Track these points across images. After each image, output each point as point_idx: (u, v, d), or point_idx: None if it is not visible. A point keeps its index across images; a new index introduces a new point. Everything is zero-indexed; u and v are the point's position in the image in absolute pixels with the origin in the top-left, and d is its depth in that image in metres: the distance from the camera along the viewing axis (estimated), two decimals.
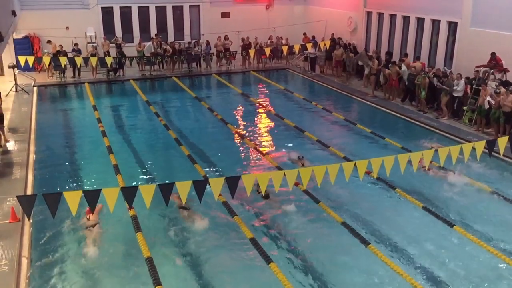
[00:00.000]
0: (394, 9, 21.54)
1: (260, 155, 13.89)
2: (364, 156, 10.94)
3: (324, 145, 14.52)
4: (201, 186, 8.28)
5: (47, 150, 14.40)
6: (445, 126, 16.15)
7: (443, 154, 9.63)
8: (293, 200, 11.21)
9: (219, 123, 16.84)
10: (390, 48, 21.94)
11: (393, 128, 16.47)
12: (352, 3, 24.24)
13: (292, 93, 20.81)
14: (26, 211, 7.69)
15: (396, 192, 11.42)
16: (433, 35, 19.62)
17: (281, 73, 25.25)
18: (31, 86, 21.11)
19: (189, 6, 26.77)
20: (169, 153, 14.24)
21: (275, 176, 8.68)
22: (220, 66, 25.16)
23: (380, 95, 19.74)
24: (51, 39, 22.86)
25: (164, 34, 26.07)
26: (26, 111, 17.73)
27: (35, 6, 23.20)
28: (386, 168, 9.18)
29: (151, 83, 23.12)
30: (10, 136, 15.02)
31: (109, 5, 25.24)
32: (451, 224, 9.93)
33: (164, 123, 16.34)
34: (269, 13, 28.16)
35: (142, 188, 7.94)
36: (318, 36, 25.48)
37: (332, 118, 17.58)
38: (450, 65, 18.37)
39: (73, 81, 22.38)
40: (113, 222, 10.19)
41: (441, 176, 12.39)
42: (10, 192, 11.13)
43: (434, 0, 19.07)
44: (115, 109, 19.43)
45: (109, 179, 12.14)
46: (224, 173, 12.65)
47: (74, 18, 24.30)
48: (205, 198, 8.37)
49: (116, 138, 15.45)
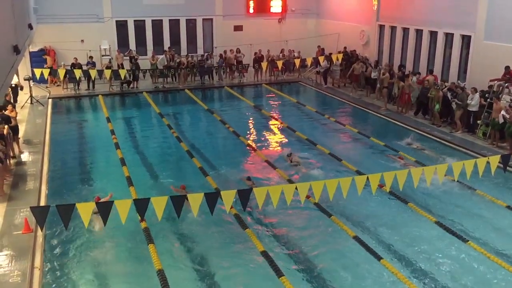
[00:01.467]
0: (407, 23, 21.53)
1: (272, 168, 13.86)
2: (376, 170, 10.87)
3: (336, 158, 14.46)
4: (213, 198, 8.28)
5: (61, 162, 14.53)
6: (459, 140, 16.01)
7: (457, 168, 9.53)
8: (305, 213, 11.16)
9: (231, 135, 16.87)
10: (403, 61, 21.89)
11: (406, 142, 16.33)
12: (365, 17, 24.28)
13: (304, 106, 20.81)
14: (39, 222, 7.73)
15: (409, 206, 11.30)
16: (447, 49, 19.55)
17: (293, 86, 25.29)
18: (46, 98, 21.37)
19: (202, 20, 27.01)
20: (181, 165, 14.28)
21: (287, 189, 8.65)
22: (233, 79, 25.28)
23: (393, 108, 19.66)
24: (55, 51, 23.15)
25: (177, 47, 26.31)
26: (40, 122, 17.94)
27: (51, 20, 23.56)
28: (399, 182, 9.10)
29: (164, 95, 23.29)
30: (25, 147, 15.19)
31: (123, 19, 25.56)
32: (464, 240, 9.80)
33: (176, 135, 16.41)
34: (281, 26, 28.31)
35: (154, 200, 7.95)
36: (331, 49, 25.51)
37: (345, 131, 17.52)
38: (464, 79, 18.25)
39: (87, 93, 22.62)
40: (125, 233, 10.20)
41: (454, 190, 12.24)
42: (23, 203, 11.23)
43: (447, 14, 19.02)
44: (129, 121, 19.58)
45: (121, 191, 12.19)
46: (236, 185, 12.63)
47: (89, 31, 24.64)
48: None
49: (129, 150, 15.55)
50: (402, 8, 21.70)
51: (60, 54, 24.18)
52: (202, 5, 26.65)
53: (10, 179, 12.70)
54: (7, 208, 11.08)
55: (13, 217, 10.64)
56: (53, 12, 23.54)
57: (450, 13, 18.88)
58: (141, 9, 25.62)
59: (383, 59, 23.20)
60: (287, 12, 28.30)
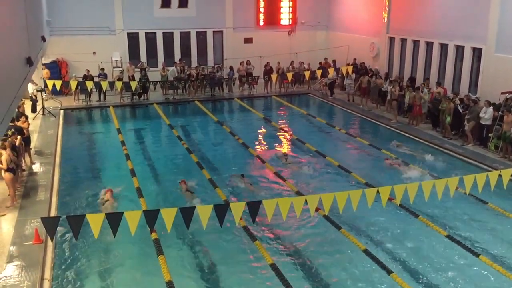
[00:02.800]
0: (417, 35, 21.51)
1: (281, 180, 13.83)
2: (387, 182, 10.81)
3: (345, 171, 14.40)
4: (222, 210, 8.27)
5: (72, 173, 14.61)
6: (470, 152, 15.88)
7: (468, 181, 9.44)
8: (314, 225, 11.10)
9: (240, 147, 16.88)
10: (413, 73, 21.83)
11: (418, 154, 16.22)
12: (375, 29, 24.31)
13: (314, 118, 20.79)
14: (49, 232, 7.77)
15: (419, 220, 11.19)
16: (457, 61, 19.47)
17: (303, 98, 25.31)
18: (57, 109, 21.57)
19: (213, 32, 27.21)
20: (190, 176, 14.27)
21: (296, 202, 8.61)
22: (243, 90, 25.37)
23: (404, 120, 19.57)
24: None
25: (188, 59, 26.49)
26: (52, 133, 18.09)
27: (63, 32, 23.87)
28: (410, 195, 9.03)
29: (174, 107, 23.42)
30: (36, 158, 15.32)
31: (134, 31, 25.82)
32: (476, 254, 9.67)
33: (186, 147, 16.45)
34: (291, 39, 28.43)
35: (164, 212, 7.96)
36: (341, 61, 25.55)
37: (355, 143, 17.45)
38: (475, 91, 18.15)
39: (98, 104, 22.80)
40: (135, 244, 10.21)
41: (466, 203, 12.12)
42: (34, 213, 11.30)
43: (458, 26, 18.98)
44: (139, 132, 19.69)
45: (131, 202, 12.23)
46: (245, 197, 12.62)
47: (101, 43, 24.91)
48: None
49: (139, 161, 15.61)
50: (412, 21, 21.70)
51: (72, 66, 24.45)
52: (212, 18, 26.86)
53: (21, 190, 12.79)
54: (18, 219, 11.14)
55: (24, 228, 10.70)
56: (65, 24, 23.86)
57: (461, 26, 18.83)
58: (153, 21, 25.89)
59: (393, 71, 23.17)
60: (297, 25, 28.42)
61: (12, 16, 9.00)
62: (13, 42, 8.75)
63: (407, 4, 21.94)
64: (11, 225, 10.88)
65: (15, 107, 9.60)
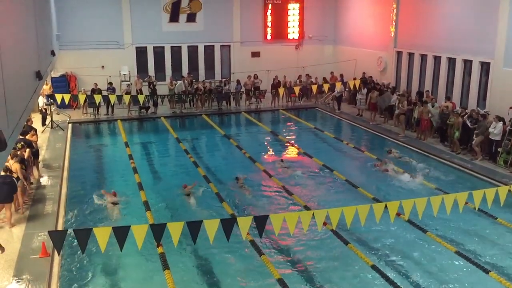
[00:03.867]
0: (425, 49, 21.51)
1: (288, 194, 13.78)
2: (395, 197, 10.74)
3: (352, 185, 14.33)
4: (229, 225, 8.24)
5: (79, 186, 14.65)
6: (479, 167, 15.76)
7: (478, 197, 9.36)
8: (321, 240, 11.02)
9: (247, 161, 16.85)
10: (421, 88, 21.80)
11: (426, 168, 16.13)
12: (382, 43, 24.35)
13: (322, 132, 20.77)
14: (56, 246, 7.77)
15: (428, 235, 11.08)
16: (465, 75, 19.42)
17: (310, 112, 25.32)
18: (66, 122, 21.71)
19: (220, 46, 27.39)
20: (198, 190, 14.25)
21: (304, 216, 8.57)
22: (250, 104, 25.44)
23: (412, 135, 19.50)
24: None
25: (196, 73, 26.65)
26: (60, 147, 18.19)
27: (73, 46, 24.13)
28: (418, 210, 8.96)
29: (182, 120, 23.51)
30: (44, 171, 15.39)
31: (143, 45, 26.05)
32: (486, 270, 9.54)
33: (193, 160, 16.46)
34: (298, 53, 28.55)
35: (170, 226, 7.95)
36: (348, 75, 25.59)
37: (363, 158, 17.37)
38: (484, 106, 18.06)
39: (106, 118, 22.93)
40: (142, 258, 10.18)
41: (475, 219, 12.00)
42: (41, 227, 11.32)
43: (466, 41, 18.97)
44: (146, 146, 19.76)
45: (139, 216, 12.22)
46: (252, 211, 12.58)
47: (109, 57, 25.14)
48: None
49: (147, 174, 15.63)
50: (419, 35, 21.72)
51: (80, 80, 24.67)
52: (220, 32, 27.06)
53: (29, 203, 12.83)
54: (25, 232, 11.16)
55: (31, 241, 10.71)
56: (75, 39, 24.14)
57: (469, 40, 18.82)
58: (161, 35, 26.12)
59: (400, 85, 23.15)
60: (304, 39, 28.56)
61: (23, 31, 9.11)
62: (24, 56, 8.84)
63: (414, 19, 21.99)
64: (18, 238, 10.89)
65: (25, 120, 9.67)
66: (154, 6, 25.81)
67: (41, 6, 13.83)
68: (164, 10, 26.08)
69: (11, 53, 7.15)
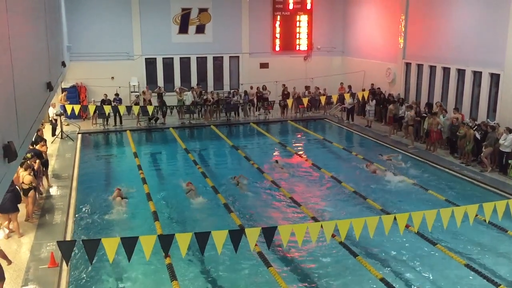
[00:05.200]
0: (434, 61, 21.47)
1: (296, 205, 13.73)
2: (404, 209, 10.66)
3: (361, 197, 14.26)
4: (237, 236, 8.22)
5: (88, 196, 14.69)
6: (489, 179, 15.63)
7: (488, 209, 9.28)
8: (330, 253, 10.95)
9: (255, 172, 16.84)
10: (430, 99, 21.72)
11: (435, 180, 16.03)
12: (391, 54, 24.35)
13: (331, 143, 20.72)
14: (65, 256, 7.79)
15: (437, 248, 10.97)
16: (475, 87, 19.33)
17: (318, 123, 25.30)
18: (75, 133, 21.86)
19: (229, 57, 27.53)
20: (206, 200, 14.26)
21: (312, 228, 8.54)
22: (258, 115, 25.49)
23: (421, 146, 19.40)
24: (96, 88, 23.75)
25: (204, 84, 26.79)
26: (69, 157, 18.29)
27: (83, 57, 24.39)
28: (428, 222, 8.89)
29: (190, 131, 23.58)
30: (54, 181, 15.47)
31: (152, 57, 26.25)
32: (496, 284, 9.42)
33: (202, 171, 16.48)
34: (307, 64, 28.62)
35: (179, 237, 7.94)
36: (357, 86, 25.59)
37: (371, 169, 17.26)
38: (493, 117, 17.95)
39: (115, 128, 23.06)
40: (149, 268, 10.17)
41: (485, 231, 11.88)
42: (50, 237, 11.35)
43: (475, 52, 18.90)
44: (155, 156, 19.82)
45: (147, 226, 12.24)
46: (260, 222, 12.54)
47: (119, 68, 25.36)
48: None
49: (155, 185, 15.66)
50: (428, 46, 21.70)
51: (90, 91, 24.89)
52: (229, 43, 27.23)
53: (38, 213, 12.89)
54: (34, 242, 11.20)
55: (40, 251, 10.74)
56: (85, 50, 24.39)
57: (478, 51, 18.75)
58: (170, 47, 26.32)
59: (409, 96, 23.09)
60: (313, 50, 28.64)
61: (35, 43, 9.22)
62: (35, 67, 8.94)
63: (423, 30, 21.99)
64: (27, 248, 10.93)
65: (35, 130, 9.75)
66: (164, 18, 26.05)
67: (52, 18, 14.02)
68: (173, 22, 26.31)
69: (23, 64, 7.24)
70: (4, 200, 11.14)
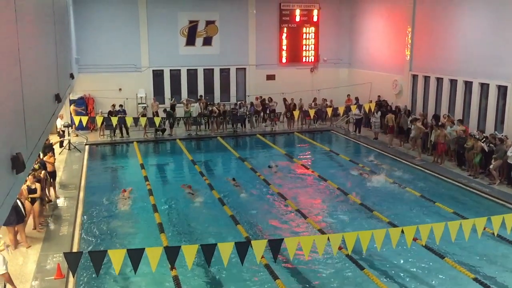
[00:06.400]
0: (441, 73, 21.44)
1: (303, 217, 13.68)
2: (412, 222, 10.59)
3: (368, 209, 14.19)
4: (243, 248, 8.19)
5: (95, 207, 14.71)
6: (497, 192, 15.50)
7: (497, 222, 9.19)
8: (336, 266, 10.87)
9: (261, 183, 16.82)
10: (437, 111, 21.66)
11: (443, 193, 15.94)
12: (398, 67, 24.36)
13: (338, 155, 20.67)
14: (71, 268, 7.79)
15: (445, 261, 10.87)
16: (482, 99, 19.26)
17: (325, 135, 25.28)
18: (83, 144, 21.97)
19: (236, 69, 27.66)
20: (212, 212, 14.25)
21: (319, 240, 8.50)
22: (265, 127, 25.53)
23: (428, 158, 19.31)
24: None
25: (211, 96, 26.91)
26: (77, 168, 18.37)
27: (91, 69, 24.58)
28: (436, 235, 8.82)
29: (197, 143, 23.63)
30: (61, 192, 15.52)
31: (160, 68, 26.43)
32: None
33: (208, 183, 16.48)
34: (313, 76, 28.68)
35: (185, 248, 7.93)
36: (364, 98, 25.59)
37: (378, 181, 17.19)
38: (501, 129, 17.86)
39: (122, 140, 23.15)
40: (155, 280, 10.14)
41: (493, 244, 11.76)
42: (57, 248, 11.36)
43: (482, 64, 18.86)
44: (162, 167, 19.86)
45: (153, 238, 12.22)
46: (266, 234, 12.50)
47: (127, 80, 25.53)
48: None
49: (162, 196, 15.66)
50: (435, 58, 21.69)
51: (98, 102, 25.05)
52: (236, 55, 27.37)
53: (45, 224, 12.92)
54: (40, 253, 11.22)
55: (46, 262, 10.75)
56: (93, 62, 24.59)
57: (485, 63, 18.71)
58: (177, 59, 26.49)
59: (416, 108, 23.05)
60: (319, 62, 28.72)
61: (44, 55, 9.31)
62: (44, 79, 9.02)
63: (430, 42, 22.00)
64: (33, 259, 10.94)
65: (43, 142, 9.80)
66: (171, 30, 26.25)
67: (62, 30, 14.17)
68: (181, 34, 26.50)
69: (32, 76, 7.31)
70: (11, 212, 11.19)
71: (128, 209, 14.74)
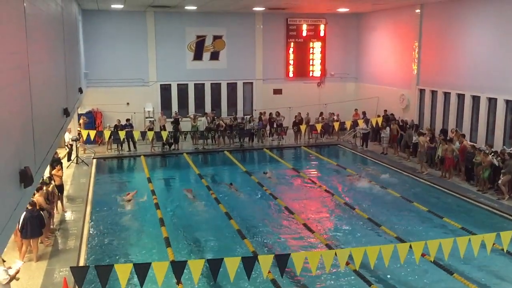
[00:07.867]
0: (448, 87, 21.40)
1: (310, 232, 13.61)
2: (420, 237, 10.49)
3: (375, 224, 14.09)
4: (250, 263, 8.15)
5: (102, 221, 14.72)
6: (507, 207, 15.35)
7: (506, 238, 9.10)
8: (343, 281, 10.77)
9: (268, 197, 16.78)
10: (444, 125, 21.58)
11: (451, 208, 15.81)
12: (405, 81, 24.36)
13: (345, 169, 20.61)
14: (78, 282, 7.78)
15: (455, 278, 10.74)
16: (490, 113, 19.18)
17: (332, 149, 25.23)
18: (91, 158, 22.05)
19: (243, 83, 27.78)
20: (219, 227, 14.21)
21: (326, 255, 8.44)
22: (272, 141, 25.54)
23: (436, 173, 19.20)
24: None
25: (218, 110, 27.01)
26: (84, 182, 18.42)
27: (99, 84, 24.80)
28: (444, 251, 8.73)
29: (204, 156, 23.65)
30: (68, 206, 15.56)
31: (167, 83, 26.60)
32: None
33: (215, 197, 16.47)
34: (320, 90, 28.74)
35: (191, 263, 7.90)
36: (371, 113, 25.57)
37: (385, 195, 17.12)
38: (510, 144, 17.75)
39: (129, 154, 23.23)
40: None
41: (502, 261, 11.62)
42: (63, 262, 11.37)
43: (490, 79, 18.82)
44: (169, 181, 19.87)
45: (159, 252, 12.19)
46: (274, 249, 12.43)
47: (134, 94, 25.72)
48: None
49: (169, 210, 15.66)
50: (442, 73, 21.67)
51: (106, 116, 25.22)
52: (243, 70, 27.52)
53: (52, 238, 12.94)
54: (47, 267, 11.21)
55: (53, 276, 10.74)
56: (101, 76, 24.83)
57: (493, 78, 18.67)
58: (185, 73, 26.68)
59: (423, 123, 22.99)
60: (326, 76, 28.80)
61: (53, 70, 9.43)
62: (53, 94, 9.12)
63: (437, 56, 22.01)
64: (40, 273, 10.94)
65: (51, 156, 9.87)
66: (179, 44, 26.47)
67: (71, 45, 14.34)
68: (188, 49, 26.71)
69: (41, 91, 7.39)
70: (31, 225, 11.19)
71: (135, 222, 14.74)
